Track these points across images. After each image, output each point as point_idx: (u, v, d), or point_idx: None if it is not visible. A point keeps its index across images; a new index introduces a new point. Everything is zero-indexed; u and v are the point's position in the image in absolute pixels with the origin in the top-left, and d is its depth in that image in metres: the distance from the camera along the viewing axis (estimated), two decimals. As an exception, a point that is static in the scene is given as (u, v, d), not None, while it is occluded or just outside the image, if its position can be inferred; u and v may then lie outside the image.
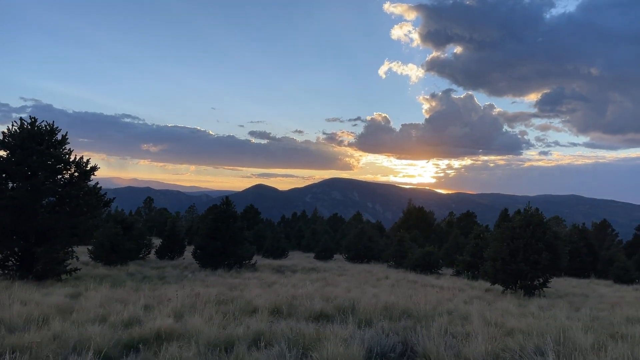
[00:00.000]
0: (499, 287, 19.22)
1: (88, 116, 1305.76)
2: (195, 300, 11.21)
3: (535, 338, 8.29)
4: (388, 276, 23.20)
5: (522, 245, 17.85)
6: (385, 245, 37.63)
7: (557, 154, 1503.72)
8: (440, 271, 29.67)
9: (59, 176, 16.06)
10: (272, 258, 36.67)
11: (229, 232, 23.78)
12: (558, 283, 25.89)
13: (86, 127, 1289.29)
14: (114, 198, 17.15)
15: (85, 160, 16.44)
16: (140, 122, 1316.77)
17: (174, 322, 8.42)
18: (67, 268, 16.24)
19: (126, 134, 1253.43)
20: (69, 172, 16.26)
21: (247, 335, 7.70)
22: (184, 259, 30.41)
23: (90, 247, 25.84)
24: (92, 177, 16.56)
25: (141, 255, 30.41)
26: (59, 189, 15.45)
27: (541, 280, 18.51)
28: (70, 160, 16.21)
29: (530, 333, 9.28)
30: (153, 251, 31.89)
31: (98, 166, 16.48)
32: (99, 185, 16.67)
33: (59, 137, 16.58)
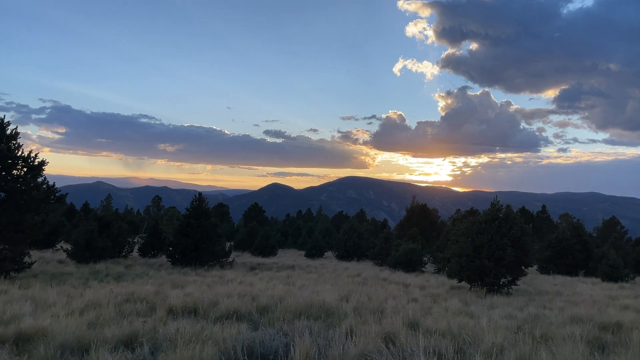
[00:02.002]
0: (467, 285, 18.51)
1: (106, 116, 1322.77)
2: (109, 298, 10.80)
3: (433, 339, 7.73)
4: (360, 274, 22.60)
5: (487, 241, 17.12)
6: (373, 243, 36.95)
7: (576, 150, 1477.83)
8: (424, 269, 28.94)
9: (12, 172, 15.81)
10: (262, 256, 36.27)
11: (201, 229, 23.39)
12: (544, 280, 25.05)
13: (104, 127, 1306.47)
14: (65, 194, 16.82)
15: (33, 155, 16.13)
16: (157, 122, 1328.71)
17: (53, 321, 8.00)
18: (15, 266, 15.94)
19: (143, 134, 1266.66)
20: (18, 167, 15.97)
21: (118, 336, 7.25)
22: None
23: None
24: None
25: (124, 253, 30.25)
26: (3, 184, 15.15)
27: (509, 277, 17.77)
28: (18, 155, 15.92)
29: (444, 333, 8.72)
30: (136, 248, 31.71)
31: (47, 161, 16.18)
32: (46, 181, 16.37)
33: (8, 132, 16.29)
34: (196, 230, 23.32)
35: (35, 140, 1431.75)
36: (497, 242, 17.00)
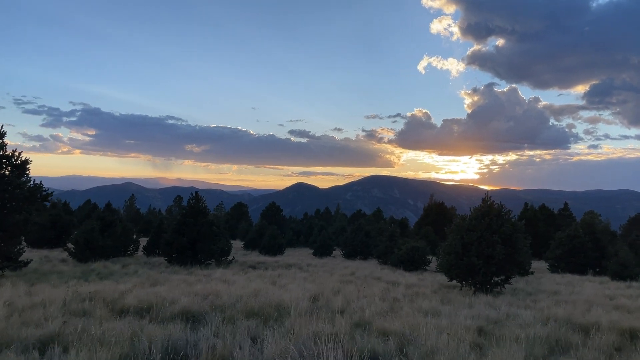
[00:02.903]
0: (459, 284, 17.94)
1: (134, 118, 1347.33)
2: (65, 297, 10.71)
3: (370, 340, 7.39)
4: (355, 272, 22.20)
5: (476, 238, 16.54)
6: (380, 241, 36.42)
7: (608, 147, 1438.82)
8: (428, 267, 28.33)
9: None
10: (269, 255, 36.14)
11: (197, 227, 23.32)
12: (550, 280, 24.17)
13: (133, 129, 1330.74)
14: (51, 193, 16.91)
15: (17, 153, 16.25)
16: (184, 123, 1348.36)
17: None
18: (7, 264, 16.08)
19: (170, 135, 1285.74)
20: (2, 166, 16.10)
21: (38, 337, 7.10)
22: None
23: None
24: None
25: (129, 252, 30.52)
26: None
27: (502, 276, 17.15)
28: (1, 154, 16.05)
29: (393, 333, 8.34)
30: (142, 247, 31.96)
31: (30, 159, 16.26)
32: (31, 180, 16.45)
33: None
34: (192, 229, 23.27)
35: (66, 143, 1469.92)
36: (486, 240, 16.42)
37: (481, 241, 16.45)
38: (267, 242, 37.20)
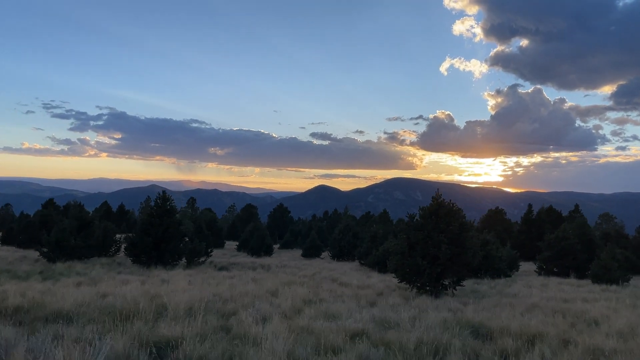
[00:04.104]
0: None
1: (159, 122, 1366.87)
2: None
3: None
4: (317, 274, 21.76)
5: (422, 237, 15.88)
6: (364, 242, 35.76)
7: (636, 148, 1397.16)
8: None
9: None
10: (255, 256, 35.86)
11: (162, 227, 23.11)
12: (524, 283, 23.22)
13: (157, 132, 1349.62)
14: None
15: None
16: (207, 126, 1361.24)
17: None
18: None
19: (194, 139, 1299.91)
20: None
21: None
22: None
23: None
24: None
25: (110, 253, 30.52)
26: None
27: (454, 277, 16.44)
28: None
29: (248, 337, 7.86)
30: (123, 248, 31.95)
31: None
32: None
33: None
34: (157, 229, 23.06)
35: (93, 146, 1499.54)
36: (433, 239, 15.75)
37: (427, 241, 15.79)
38: (255, 243, 36.91)
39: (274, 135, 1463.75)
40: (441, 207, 16.64)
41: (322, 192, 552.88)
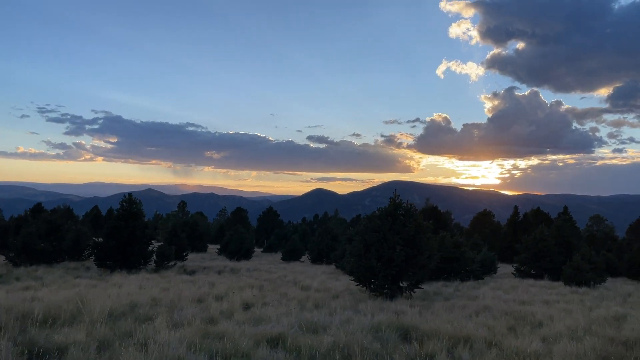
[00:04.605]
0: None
1: (155, 126, 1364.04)
2: None
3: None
4: (283, 277, 21.34)
5: (377, 239, 15.55)
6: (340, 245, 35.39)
7: (633, 151, 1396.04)
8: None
9: None
10: (234, 259, 35.46)
11: (128, 231, 22.75)
12: (496, 285, 22.89)
13: (153, 136, 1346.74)
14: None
15: None
16: (203, 130, 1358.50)
17: None
18: None
19: (190, 142, 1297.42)
20: None
21: None
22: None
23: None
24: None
25: (83, 258, 30.09)
26: None
27: (412, 280, 16.11)
28: None
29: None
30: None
31: None
32: None
33: None
34: (122, 232, 22.70)
35: (89, 150, 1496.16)
36: (388, 241, 15.42)
37: (383, 242, 15.46)
38: (234, 246, 36.52)
39: (270, 138, 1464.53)
40: (399, 208, 16.32)
41: (319, 196, 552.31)
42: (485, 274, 29.41)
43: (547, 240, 28.86)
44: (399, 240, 15.27)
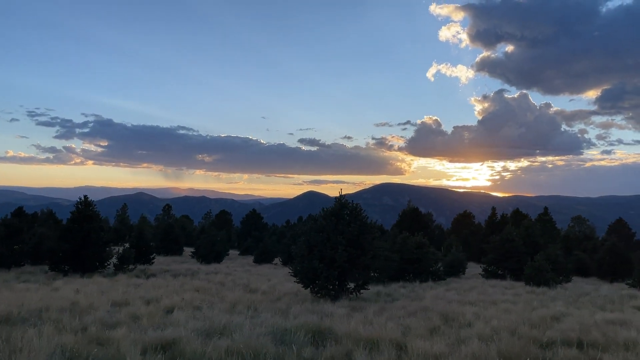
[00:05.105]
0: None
1: (146, 129, 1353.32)
2: None
3: None
4: (231, 280, 20.99)
5: (320, 240, 15.26)
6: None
7: (621, 152, 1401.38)
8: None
9: None
10: (205, 262, 35.02)
11: (82, 234, 22.31)
12: (457, 286, 22.67)
13: (144, 139, 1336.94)
14: None
15: None
16: (195, 133, 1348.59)
17: None
18: None
19: (182, 146, 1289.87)
20: None
21: None
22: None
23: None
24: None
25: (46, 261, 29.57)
26: None
27: (359, 281, 15.83)
28: None
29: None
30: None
31: None
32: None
33: None
34: (76, 235, 22.26)
35: (79, 154, 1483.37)
36: (332, 241, 15.13)
37: (325, 243, 15.17)
38: (204, 249, 36.08)
39: (262, 141, 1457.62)
40: (344, 208, 16.04)
41: (311, 198, 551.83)
42: (453, 275, 29.24)
43: (515, 240, 28.72)
44: (341, 241, 14.98)
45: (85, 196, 23.67)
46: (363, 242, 15.34)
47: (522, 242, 28.91)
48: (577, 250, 39.96)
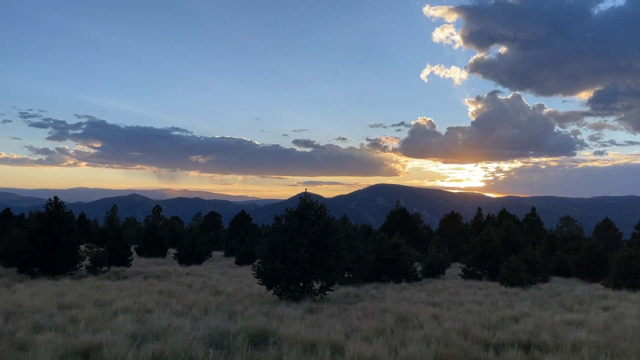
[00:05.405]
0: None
1: (139, 130, 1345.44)
2: None
3: None
4: (200, 282, 20.72)
5: (283, 240, 15.02)
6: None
7: (613, 153, 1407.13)
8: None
9: None
10: (185, 264, 34.72)
11: (52, 235, 21.96)
12: (430, 286, 22.50)
13: (138, 141, 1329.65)
14: None
15: None
16: (189, 134, 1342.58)
17: None
18: None
19: (176, 147, 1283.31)
20: None
21: None
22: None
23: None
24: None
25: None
26: None
27: (324, 282, 15.61)
28: None
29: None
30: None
31: None
32: None
33: None
34: (46, 237, 21.91)
35: (72, 155, 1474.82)
36: (295, 242, 14.90)
37: (288, 244, 14.93)
38: (185, 251, 35.77)
39: (256, 142, 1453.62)
40: (308, 208, 15.81)
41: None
42: (432, 276, 29.08)
43: (494, 241, 28.59)
44: (304, 242, 14.75)
45: (55, 197, 23.31)
46: (327, 243, 15.11)
47: (501, 242, 28.78)
48: (560, 251, 39.89)
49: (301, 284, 15.56)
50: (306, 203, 15.92)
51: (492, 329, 10.69)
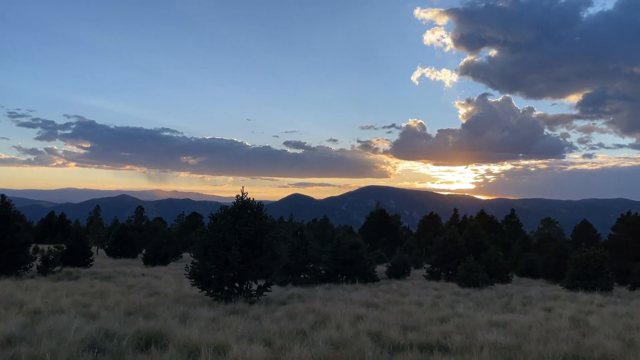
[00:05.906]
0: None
1: (129, 131, 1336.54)
2: None
3: None
4: (143, 284, 20.19)
5: (216, 240, 14.56)
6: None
7: (602, 156, 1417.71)
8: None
9: None
10: (150, 265, 34.13)
11: (-2, 235, 21.37)
12: (386, 287, 22.12)
13: (128, 141, 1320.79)
14: None
15: None
16: (179, 135, 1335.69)
17: None
18: None
19: (166, 148, 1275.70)
20: None
21: None
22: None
23: None
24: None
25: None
26: None
27: (261, 283, 15.17)
28: None
29: None
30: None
31: None
32: None
33: None
34: (-8, 236, 21.31)
35: (61, 156, 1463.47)
36: (227, 241, 14.44)
37: (220, 243, 14.47)
38: (150, 252, 35.18)
39: (247, 143, 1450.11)
40: (245, 206, 15.37)
41: (296, 201, 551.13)
42: (397, 277, 28.71)
43: (457, 241, 28.28)
44: (236, 241, 14.29)
45: (2, 195, 22.69)
46: (261, 242, 14.67)
47: (465, 243, 28.47)
48: (533, 252, 39.70)
49: (237, 285, 15.11)
50: (243, 201, 15.47)
51: (411, 330, 10.33)
